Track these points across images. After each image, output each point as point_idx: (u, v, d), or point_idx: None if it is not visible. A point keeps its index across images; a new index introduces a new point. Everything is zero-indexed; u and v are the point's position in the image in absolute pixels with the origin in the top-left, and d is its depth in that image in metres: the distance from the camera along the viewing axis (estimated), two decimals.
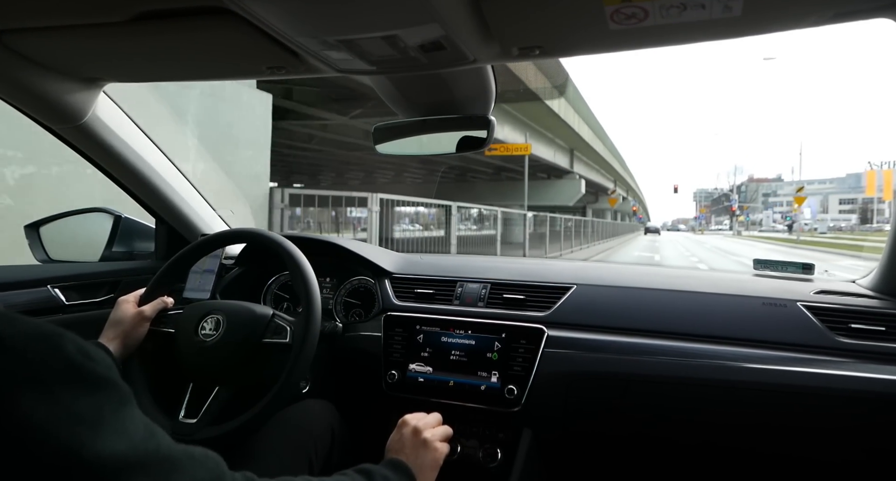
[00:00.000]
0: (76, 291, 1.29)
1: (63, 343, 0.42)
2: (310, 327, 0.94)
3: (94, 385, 0.42)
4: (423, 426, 0.88)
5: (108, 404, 0.42)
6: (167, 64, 0.97)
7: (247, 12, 0.69)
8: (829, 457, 1.03)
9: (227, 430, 0.90)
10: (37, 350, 0.41)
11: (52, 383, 0.40)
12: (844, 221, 56.59)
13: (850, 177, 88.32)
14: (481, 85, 1.00)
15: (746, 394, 1.01)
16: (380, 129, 1.12)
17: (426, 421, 0.91)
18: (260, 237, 1.10)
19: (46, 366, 0.40)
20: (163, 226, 1.50)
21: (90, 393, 0.42)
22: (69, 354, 0.42)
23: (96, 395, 0.42)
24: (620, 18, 0.70)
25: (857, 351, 1.00)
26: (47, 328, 0.43)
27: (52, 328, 0.43)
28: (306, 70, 0.91)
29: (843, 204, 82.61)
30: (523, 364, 1.11)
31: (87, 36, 0.84)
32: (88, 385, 0.42)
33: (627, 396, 1.06)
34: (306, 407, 1.03)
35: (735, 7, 0.66)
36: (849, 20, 0.73)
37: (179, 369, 0.99)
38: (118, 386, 0.44)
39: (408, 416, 0.91)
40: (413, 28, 0.71)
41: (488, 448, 1.13)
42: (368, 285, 1.37)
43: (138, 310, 0.98)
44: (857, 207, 74.92)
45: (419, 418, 0.91)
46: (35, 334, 0.41)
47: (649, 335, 1.11)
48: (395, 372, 1.18)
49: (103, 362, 0.44)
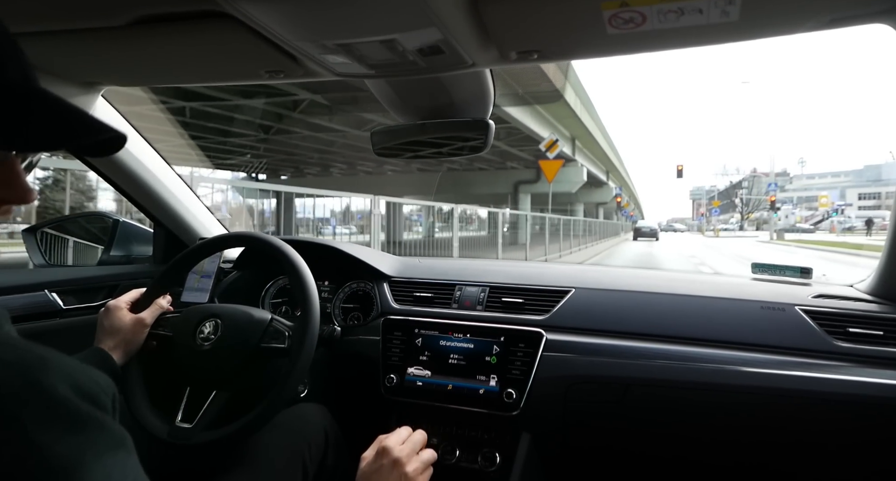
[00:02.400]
0: (74, 295, 1.29)
1: (44, 375, 0.38)
2: (308, 332, 0.94)
3: (76, 425, 0.38)
4: (405, 457, 0.79)
5: (92, 449, 0.38)
6: (166, 68, 0.98)
7: (245, 16, 0.70)
8: (828, 459, 1.03)
9: (223, 435, 0.89)
10: (12, 382, 0.37)
11: (28, 421, 0.36)
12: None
13: (870, 169, 79.23)
14: (480, 89, 1.00)
15: (744, 398, 1.01)
16: (378, 133, 1.12)
17: (408, 448, 0.81)
18: (258, 241, 1.10)
19: (20, 401, 0.36)
20: (161, 229, 1.50)
21: (72, 434, 0.37)
22: (49, 388, 0.37)
23: (78, 437, 0.37)
24: (618, 23, 0.70)
25: (854, 355, 1.00)
26: (31, 356, 0.39)
27: (36, 356, 0.39)
28: (305, 74, 0.91)
29: (864, 199, 71.21)
30: (522, 367, 1.11)
31: (86, 40, 0.84)
32: (70, 425, 0.37)
33: (626, 400, 1.06)
34: (300, 411, 1.02)
35: (732, 12, 0.67)
36: (845, 25, 0.73)
37: (176, 373, 0.99)
38: (107, 429, 0.40)
39: (388, 442, 0.81)
40: (412, 32, 0.72)
41: (487, 452, 1.13)
42: (367, 289, 1.37)
43: (137, 317, 0.97)
44: (882, 203, 63.54)
45: (400, 444, 0.81)
46: (14, 362, 0.37)
47: (648, 339, 1.11)
48: (393, 376, 1.18)
49: (97, 399, 0.40)
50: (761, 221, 58.47)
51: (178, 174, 1.44)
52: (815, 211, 40.52)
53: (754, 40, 0.78)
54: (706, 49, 0.79)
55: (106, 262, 1.48)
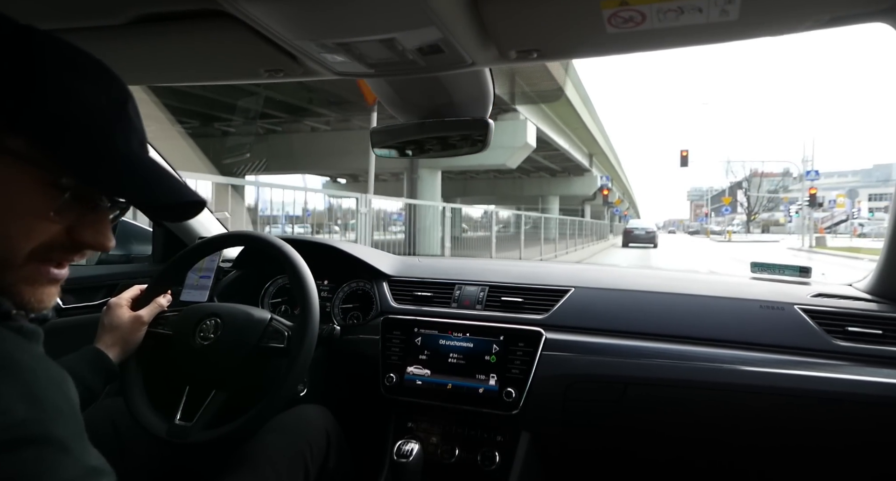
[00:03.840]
0: (73, 294, 1.28)
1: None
2: (307, 331, 0.94)
3: (13, 442, 0.38)
4: None
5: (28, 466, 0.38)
6: (164, 67, 0.97)
7: (245, 15, 0.69)
8: (827, 458, 1.03)
9: (222, 434, 0.89)
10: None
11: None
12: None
13: (879, 169, 76.26)
14: (479, 88, 1.00)
15: (743, 397, 1.01)
16: (377, 132, 1.12)
17: None
18: (257, 240, 1.10)
19: None
20: (160, 228, 1.50)
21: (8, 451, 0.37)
22: None
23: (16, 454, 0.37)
24: (618, 22, 0.70)
25: (853, 354, 1.00)
26: None
27: None
28: (304, 73, 0.91)
29: (875, 200, 65.36)
30: (521, 367, 1.11)
31: (84, 39, 0.84)
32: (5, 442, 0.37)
33: (625, 399, 1.06)
34: (302, 412, 1.02)
35: (732, 11, 0.67)
36: (845, 24, 0.73)
37: (176, 372, 0.99)
38: (51, 441, 0.40)
39: None
40: (411, 31, 0.72)
41: (486, 451, 1.13)
42: (366, 288, 1.37)
43: (136, 315, 0.97)
44: None
45: None
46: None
47: (647, 338, 1.11)
48: (393, 375, 1.18)
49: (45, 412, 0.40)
50: (770, 223, 55.02)
51: (177, 172, 1.44)
52: (826, 212, 36.94)
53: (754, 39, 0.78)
54: None
55: (105, 261, 1.48)
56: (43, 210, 0.48)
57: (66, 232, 0.50)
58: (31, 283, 0.49)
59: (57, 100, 0.47)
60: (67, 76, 0.49)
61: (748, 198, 48.10)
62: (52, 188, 0.47)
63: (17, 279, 0.48)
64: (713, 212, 61.61)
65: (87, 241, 0.52)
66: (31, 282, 0.49)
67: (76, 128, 0.48)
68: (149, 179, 0.52)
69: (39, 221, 0.48)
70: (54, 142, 0.46)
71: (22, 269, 0.48)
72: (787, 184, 49.21)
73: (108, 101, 0.52)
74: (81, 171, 0.47)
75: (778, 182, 49.94)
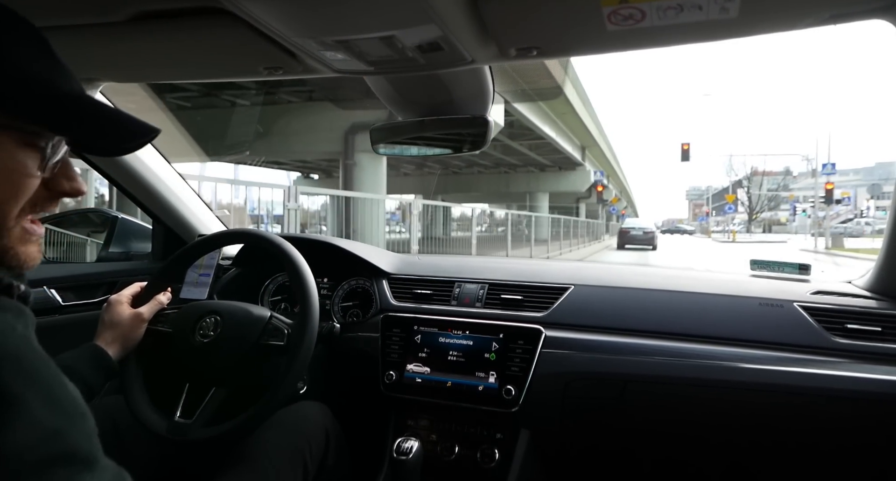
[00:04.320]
0: (73, 292, 1.29)
1: None
2: (307, 329, 0.94)
3: (42, 464, 0.40)
4: None
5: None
6: (164, 64, 0.97)
7: (244, 13, 0.69)
8: (826, 457, 1.04)
9: (222, 431, 0.89)
10: None
11: None
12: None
13: (881, 167, 74.09)
14: (479, 85, 1.00)
15: (743, 394, 1.01)
16: (377, 130, 1.12)
17: None
18: (257, 237, 1.10)
19: None
20: (160, 226, 1.50)
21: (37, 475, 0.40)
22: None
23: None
24: (618, 19, 0.70)
25: (853, 351, 1.00)
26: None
27: None
28: (304, 70, 0.91)
29: (877, 198, 67.99)
30: (521, 364, 1.11)
31: (84, 36, 0.84)
32: None
33: (625, 396, 1.06)
34: (301, 410, 1.02)
35: (732, 9, 0.67)
36: (845, 21, 0.73)
37: (176, 369, 0.99)
38: (77, 456, 0.43)
39: None
40: (411, 29, 0.71)
41: (486, 448, 1.13)
42: (366, 286, 1.37)
43: (136, 312, 0.97)
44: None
45: None
46: None
47: (647, 335, 1.11)
48: (392, 373, 1.18)
49: (68, 418, 0.43)
50: (772, 222, 53.83)
51: (177, 170, 1.44)
52: (846, 206, 36.41)
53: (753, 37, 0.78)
54: None
55: (104, 259, 1.48)
56: (29, 168, 0.51)
57: (44, 185, 0.54)
58: (23, 243, 0.53)
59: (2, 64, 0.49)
60: None
61: (749, 196, 47.06)
62: (30, 147, 0.51)
63: (12, 240, 0.52)
64: (714, 211, 60.00)
65: (64, 190, 0.56)
66: (23, 241, 0.53)
67: (28, 83, 0.50)
68: (106, 113, 0.57)
69: (25, 180, 0.51)
70: (15, 103, 0.49)
71: (13, 230, 0.52)
72: (787, 182, 48.31)
73: (38, 51, 0.54)
74: (52, 122, 0.51)
75: (779, 180, 49.20)
